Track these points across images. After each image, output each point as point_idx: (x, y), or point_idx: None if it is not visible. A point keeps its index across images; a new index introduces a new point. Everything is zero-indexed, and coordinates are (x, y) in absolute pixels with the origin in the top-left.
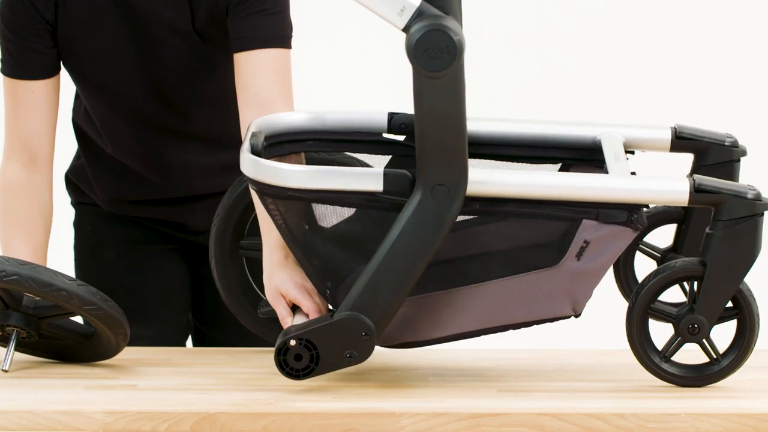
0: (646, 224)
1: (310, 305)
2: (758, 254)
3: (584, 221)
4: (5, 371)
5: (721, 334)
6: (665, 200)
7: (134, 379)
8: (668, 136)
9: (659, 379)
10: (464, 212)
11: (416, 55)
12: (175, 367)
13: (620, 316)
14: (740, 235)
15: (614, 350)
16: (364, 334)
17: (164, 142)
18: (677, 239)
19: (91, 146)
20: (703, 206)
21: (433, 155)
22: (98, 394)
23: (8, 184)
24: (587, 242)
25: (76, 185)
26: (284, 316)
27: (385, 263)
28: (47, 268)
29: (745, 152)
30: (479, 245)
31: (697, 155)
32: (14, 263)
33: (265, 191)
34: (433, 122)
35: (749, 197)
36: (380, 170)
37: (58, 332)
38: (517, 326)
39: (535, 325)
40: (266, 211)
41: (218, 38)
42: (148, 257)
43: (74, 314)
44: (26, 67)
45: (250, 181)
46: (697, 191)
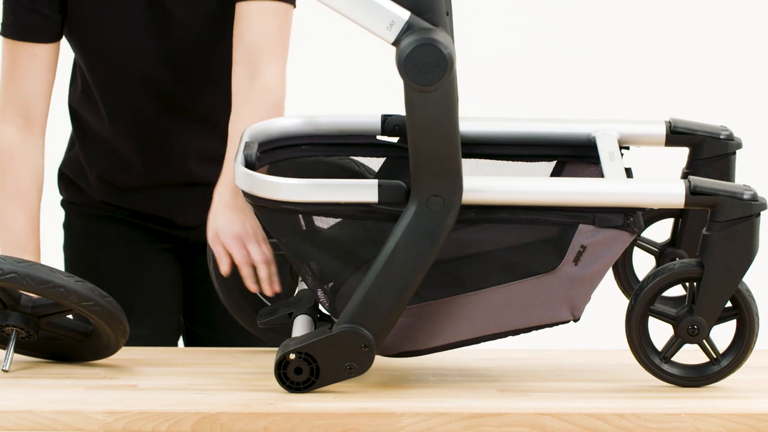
0: (643, 228)
1: (239, 257)
2: (756, 254)
3: (581, 226)
4: (5, 371)
5: (721, 334)
6: (661, 203)
7: (134, 379)
8: (663, 130)
9: (659, 379)
10: (460, 220)
11: (407, 69)
12: (175, 367)
13: (620, 316)
14: (737, 236)
15: (614, 350)
16: (363, 346)
17: (168, 119)
18: (675, 234)
19: (85, 130)
20: (699, 208)
21: (427, 167)
22: (98, 394)
23: (3, 146)
24: (584, 247)
25: (69, 179)
26: (220, 254)
27: (382, 275)
28: (44, 264)
29: (740, 145)
30: (475, 252)
31: (692, 149)
32: (11, 261)
33: (260, 205)
34: (426, 134)
35: (745, 198)
36: (375, 181)
37: (57, 331)
38: (516, 332)
39: (534, 330)
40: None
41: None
42: (138, 258)
43: (72, 311)
44: (30, 29)
45: (244, 194)
46: (693, 193)
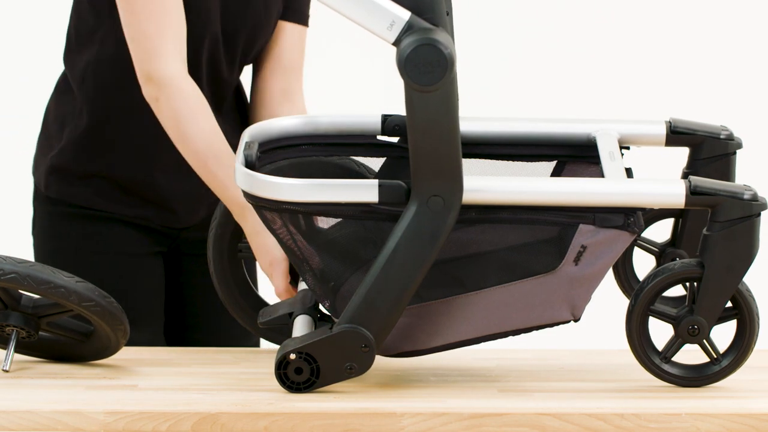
0: (643, 228)
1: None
2: (756, 254)
3: (581, 226)
4: (5, 371)
5: (721, 334)
6: (661, 203)
7: (134, 379)
8: (663, 130)
9: (660, 379)
10: (460, 221)
11: (407, 70)
12: (175, 367)
13: (620, 316)
14: (737, 236)
15: (614, 350)
16: (363, 346)
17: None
18: (675, 234)
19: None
20: (699, 208)
21: (427, 167)
22: (98, 394)
23: (198, 100)
24: (584, 247)
25: (64, 174)
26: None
27: (382, 275)
28: (44, 265)
29: (740, 145)
30: (476, 252)
31: (692, 149)
32: (11, 261)
33: (260, 205)
34: (426, 135)
35: (745, 198)
36: (375, 181)
37: (57, 331)
38: (516, 332)
39: (534, 330)
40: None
41: None
42: (126, 264)
43: (73, 312)
44: None
45: (245, 194)
46: (693, 193)
